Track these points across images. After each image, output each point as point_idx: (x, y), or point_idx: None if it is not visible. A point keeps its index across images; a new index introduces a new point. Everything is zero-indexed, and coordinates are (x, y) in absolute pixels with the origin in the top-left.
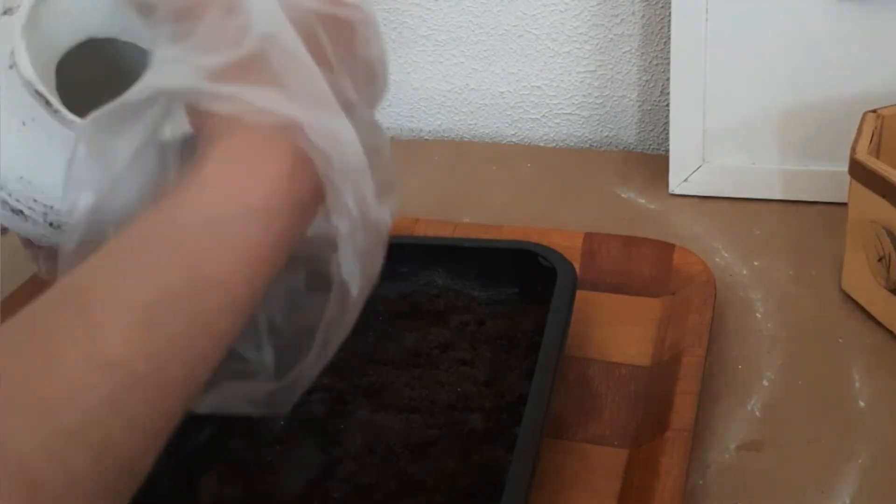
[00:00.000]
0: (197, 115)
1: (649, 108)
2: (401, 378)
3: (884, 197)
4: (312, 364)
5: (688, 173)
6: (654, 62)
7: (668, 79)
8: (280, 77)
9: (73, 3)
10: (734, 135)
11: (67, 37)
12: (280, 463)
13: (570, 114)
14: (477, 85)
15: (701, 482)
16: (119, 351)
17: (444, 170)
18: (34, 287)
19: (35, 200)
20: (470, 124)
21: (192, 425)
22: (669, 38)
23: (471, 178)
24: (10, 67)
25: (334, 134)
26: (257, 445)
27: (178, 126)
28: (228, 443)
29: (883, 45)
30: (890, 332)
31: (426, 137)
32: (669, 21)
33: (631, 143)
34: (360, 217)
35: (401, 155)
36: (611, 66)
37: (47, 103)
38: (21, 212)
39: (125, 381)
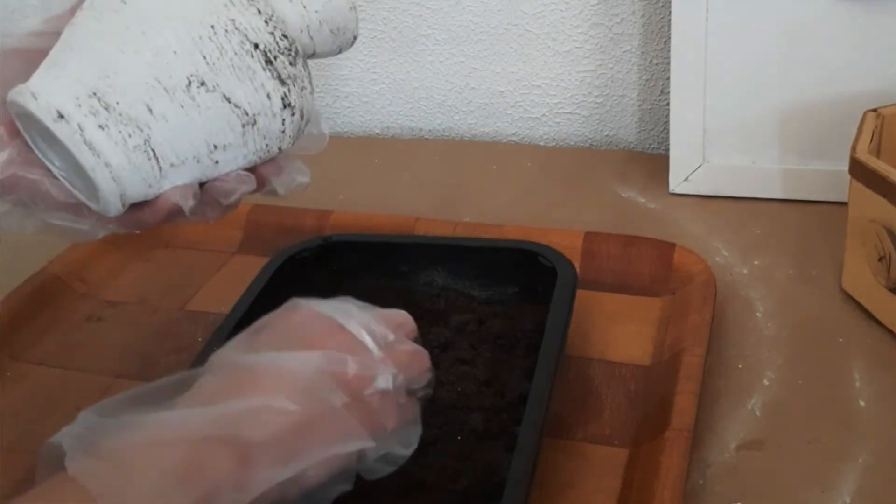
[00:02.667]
0: None
1: (649, 107)
2: None
3: (884, 196)
4: None
5: (688, 172)
6: (655, 62)
7: (668, 78)
8: None
9: None
10: (734, 134)
11: None
12: None
13: (570, 113)
14: (477, 84)
15: (701, 482)
16: None
17: (444, 170)
18: (33, 287)
19: None
20: (470, 124)
21: None
22: (669, 38)
23: (471, 178)
24: None
25: None
26: None
27: None
28: None
29: (883, 45)
30: (890, 331)
31: (426, 137)
32: (669, 21)
33: (631, 143)
34: None
35: (401, 154)
36: (611, 66)
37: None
38: None
39: None
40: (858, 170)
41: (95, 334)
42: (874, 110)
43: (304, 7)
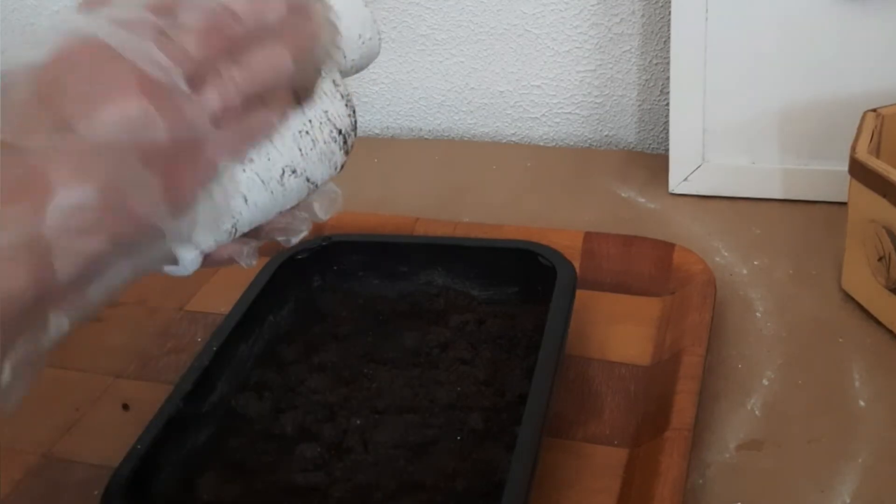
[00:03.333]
0: None
1: (649, 107)
2: (400, 378)
3: (884, 196)
4: None
5: (688, 172)
6: (654, 61)
7: (667, 78)
8: None
9: None
10: (734, 134)
11: None
12: (280, 463)
13: (569, 113)
14: (477, 84)
15: (701, 482)
16: None
17: (444, 170)
18: None
19: None
20: (470, 124)
21: (192, 425)
22: (669, 38)
23: (471, 177)
24: None
25: None
26: (257, 445)
27: None
28: (228, 443)
29: (883, 45)
30: (890, 331)
31: (426, 137)
32: (669, 20)
33: (631, 143)
34: None
35: (401, 154)
36: (611, 66)
37: None
38: None
39: None
40: (858, 170)
41: (95, 334)
42: (874, 110)
43: (345, 57)
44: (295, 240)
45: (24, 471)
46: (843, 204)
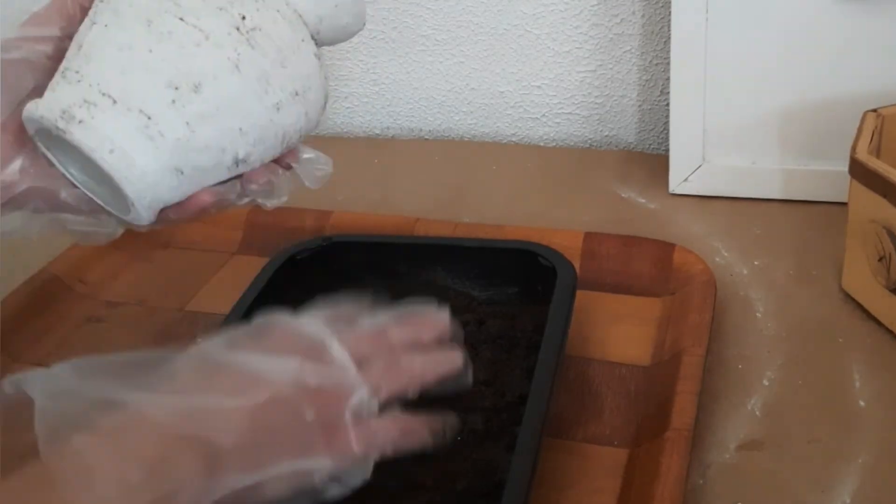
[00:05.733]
0: None
1: (649, 107)
2: None
3: (884, 196)
4: None
5: (688, 173)
6: (654, 62)
7: (667, 78)
8: None
9: None
10: (734, 134)
11: None
12: None
13: (570, 113)
14: (477, 85)
15: (701, 482)
16: None
17: (444, 170)
18: (33, 287)
19: None
20: (470, 124)
21: None
22: (669, 38)
23: (471, 178)
24: None
25: None
26: None
27: None
28: None
29: (883, 45)
30: (890, 331)
31: (426, 137)
32: (669, 21)
33: (631, 143)
34: None
35: (401, 155)
36: (611, 66)
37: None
38: None
39: None
40: (858, 170)
41: (95, 335)
42: (874, 110)
43: None
44: (272, 203)
45: None
46: (844, 204)
